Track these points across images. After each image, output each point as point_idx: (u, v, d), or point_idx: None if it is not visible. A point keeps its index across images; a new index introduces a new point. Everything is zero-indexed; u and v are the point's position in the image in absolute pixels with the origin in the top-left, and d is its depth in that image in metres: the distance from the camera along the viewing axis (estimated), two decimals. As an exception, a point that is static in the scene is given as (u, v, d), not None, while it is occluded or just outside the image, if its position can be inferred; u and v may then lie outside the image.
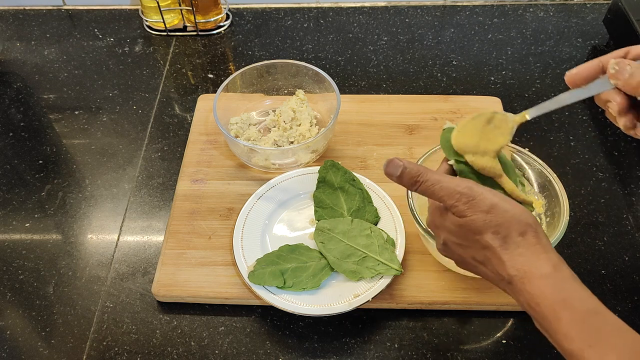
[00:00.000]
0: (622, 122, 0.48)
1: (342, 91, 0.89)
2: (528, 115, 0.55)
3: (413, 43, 0.99)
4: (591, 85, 0.49)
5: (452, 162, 0.55)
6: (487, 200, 0.47)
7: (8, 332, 0.67)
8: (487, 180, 0.55)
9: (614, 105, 0.48)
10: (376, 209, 0.72)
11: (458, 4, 1.05)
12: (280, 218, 0.74)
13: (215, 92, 0.82)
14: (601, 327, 0.42)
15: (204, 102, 0.88)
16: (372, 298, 0.64)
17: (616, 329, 0.42)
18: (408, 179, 0.50)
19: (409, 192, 0.65)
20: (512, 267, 0.46)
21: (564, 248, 0.72)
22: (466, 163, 0.55)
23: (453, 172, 0.55)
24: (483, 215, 0.47)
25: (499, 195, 0.48)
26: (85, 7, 1.06)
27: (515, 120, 0.56)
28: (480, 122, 0.56)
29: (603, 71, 0.49)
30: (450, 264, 0.67)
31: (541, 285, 0.44)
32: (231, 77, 0.81)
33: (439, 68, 0.94)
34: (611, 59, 0.47)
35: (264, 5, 1.05)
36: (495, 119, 0.56)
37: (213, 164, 0.80)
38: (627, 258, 0.71)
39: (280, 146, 0.79)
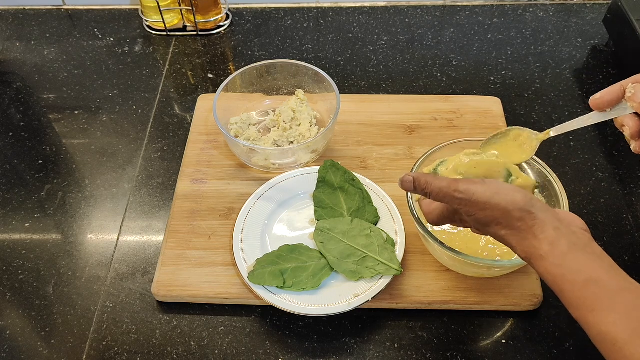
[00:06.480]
0: (633, 145, 0.52)
1: (342, 91, 0.89)
2: (552, 132, 0.59)
3: (413, 43, 0.99)
4: (614, 109, 0.52)
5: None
6: (481, 199, 0.50)
7: (8, 332, 0.67)
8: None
9: (627, 130, 0.51)
10: (376, 209, 0.72)
11: (458, 4, 1.05)
12: (280, 218, 0.74)
13: (215, 92, 0.82)
14: (599, 293, 0.44)
15: (204, 102, 0.88)
16: (372, 298, 0.64)
17: (613, 292, 0.44)
18: (420, 190, 0.53)
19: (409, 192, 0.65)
20: (521, 251, 0.50)
21: (563, 248, 0.72)
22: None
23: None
24: (482, 212, 0.50)
25: (491, 188, 0.50)
26: (85, 7, 1.06)
27: (539, 138, 0.60)
28: (506, 139, 0.61)
29: (625, 95, 0.51)
30: (449, 263, 0.67)
31: (543, 265, 0.47)
32: (231, 77, 0.81)
33: (438, 68, 0.94)
34: (629, 83, 0.50)
35: (263, 5, 1.05)
36: (521, 136, 0.61)
37: (213, 164, 0.80)
38: (627, 258, 0.71)
39: (280, 146, 0.79)
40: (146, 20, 1.02)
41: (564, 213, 0.52)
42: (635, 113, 0.50)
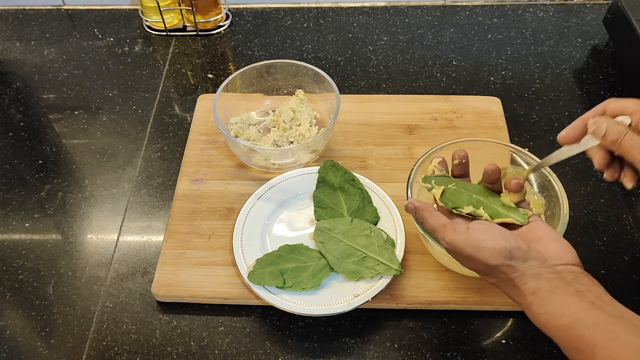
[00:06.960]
0: (605, 175, 0.53)
1: (342, 91, 0.89)
2: (529, 173, 0.62)
3: (413, 43, 0.99)
4: (582, 142, 0.53)
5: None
6: (463, 252, 0.52)
7: (8, 332, 0.67)
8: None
9: (595, 162, 0.52)
10: (376, 209, 0.72)
11: (458, 4, 1.05)
12: (280, 218, 0.74)
13: (215, 92, 0.82)
14: (581, 334, 0.45)
15: (204, 102, 0.88)
16: (372, 298, 0.64)
17: (592, 332, 0.45)
18: (419, 220, 0.58)
19: (409, 192, 0.65)
20: (511, 298, 0.52)
21: (563, 248, 0.71)
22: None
23: None
24: (469, 263, 0.53)
25: (472, 242, 0.52)
26: (85, 7, 1.06)
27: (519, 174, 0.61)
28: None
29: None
30: (449, 263, 0.67)
31: (530, 313, 0.50)
32: (231, 77, 0.81)
33: (438, 68, 0.94)
34: (590, 119, 0.51)
35: (263, 5, 1.05)
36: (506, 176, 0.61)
37: (213, 164, 0.80)
38: (626, 258, 0.71)
39: (280, 146, 0.79)
40: (146, 20, 1.02)
41: (552, 247, 0.52)
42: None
